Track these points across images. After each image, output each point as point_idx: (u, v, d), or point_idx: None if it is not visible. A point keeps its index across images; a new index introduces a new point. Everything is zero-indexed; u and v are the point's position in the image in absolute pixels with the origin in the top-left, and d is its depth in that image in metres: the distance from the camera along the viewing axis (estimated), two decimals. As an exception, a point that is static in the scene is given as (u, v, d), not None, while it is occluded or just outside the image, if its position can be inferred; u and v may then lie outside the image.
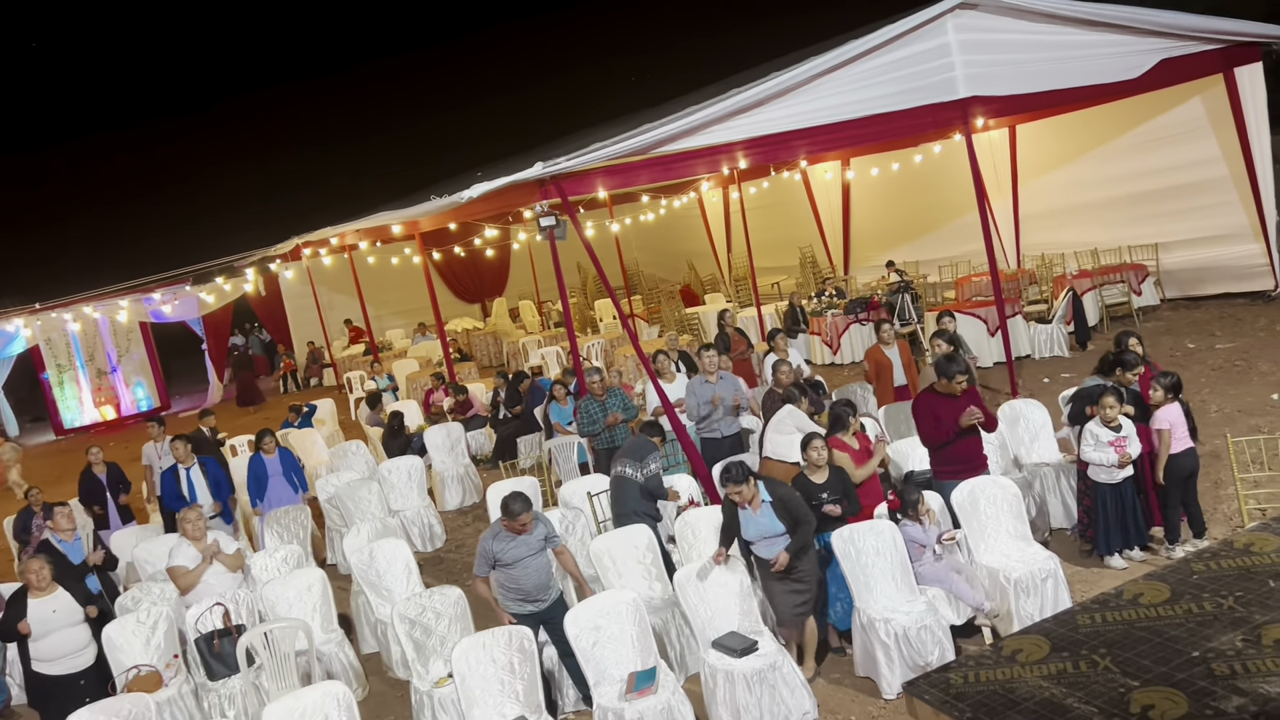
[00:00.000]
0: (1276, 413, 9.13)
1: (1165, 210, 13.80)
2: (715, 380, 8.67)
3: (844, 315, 14.37)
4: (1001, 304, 10.74)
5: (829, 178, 18.69)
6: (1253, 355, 11.03)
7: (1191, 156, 13.16)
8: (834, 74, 9.51)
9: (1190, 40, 11.50)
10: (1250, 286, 13.16)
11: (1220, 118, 12.57)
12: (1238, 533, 3.48)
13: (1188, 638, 2.89)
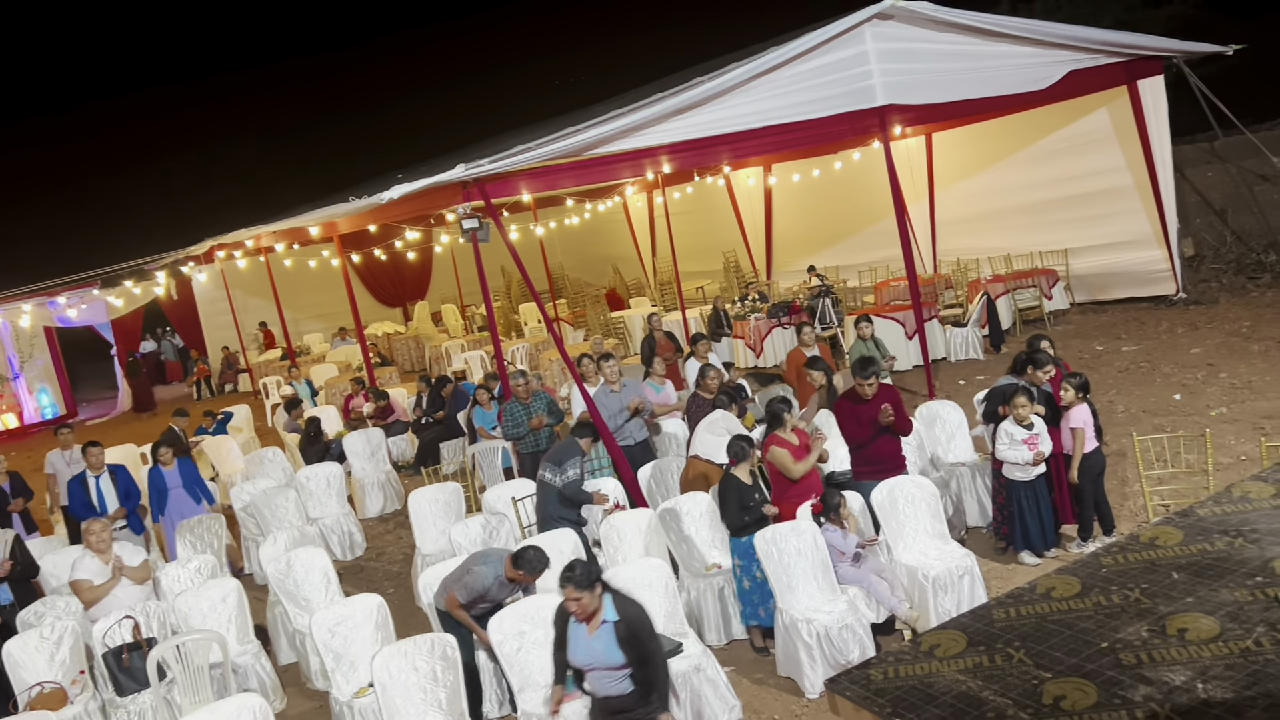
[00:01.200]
0: (1179, 412, 9.49)
1: (1074, 217, 14.26)
2: (618, 389, 8.68)
3: (766, 319, 14.52)
4: (919, 308, 10.96)
5: (752, 183, 18.89)
6: (1156, 357, 11.46)
7: (1098, 165, 13.63)
8: (756, 80, 9.61)
9: (1096, 53, 11.91)
10: (1154, 291, 13.68)
11: (1125, 128, 13.04)
12: (1143, 527, 3.60)
13: (1097, 629, 2.97)
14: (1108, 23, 16.67)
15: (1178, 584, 3.15)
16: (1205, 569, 3.22)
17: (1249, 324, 11.91)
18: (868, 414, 6.96)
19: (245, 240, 15.35)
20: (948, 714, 2.71)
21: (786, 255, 19.41)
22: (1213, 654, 2.76)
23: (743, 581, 6.41)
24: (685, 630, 5.90)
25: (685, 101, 9.14)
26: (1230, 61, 12.83)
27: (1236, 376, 10.15)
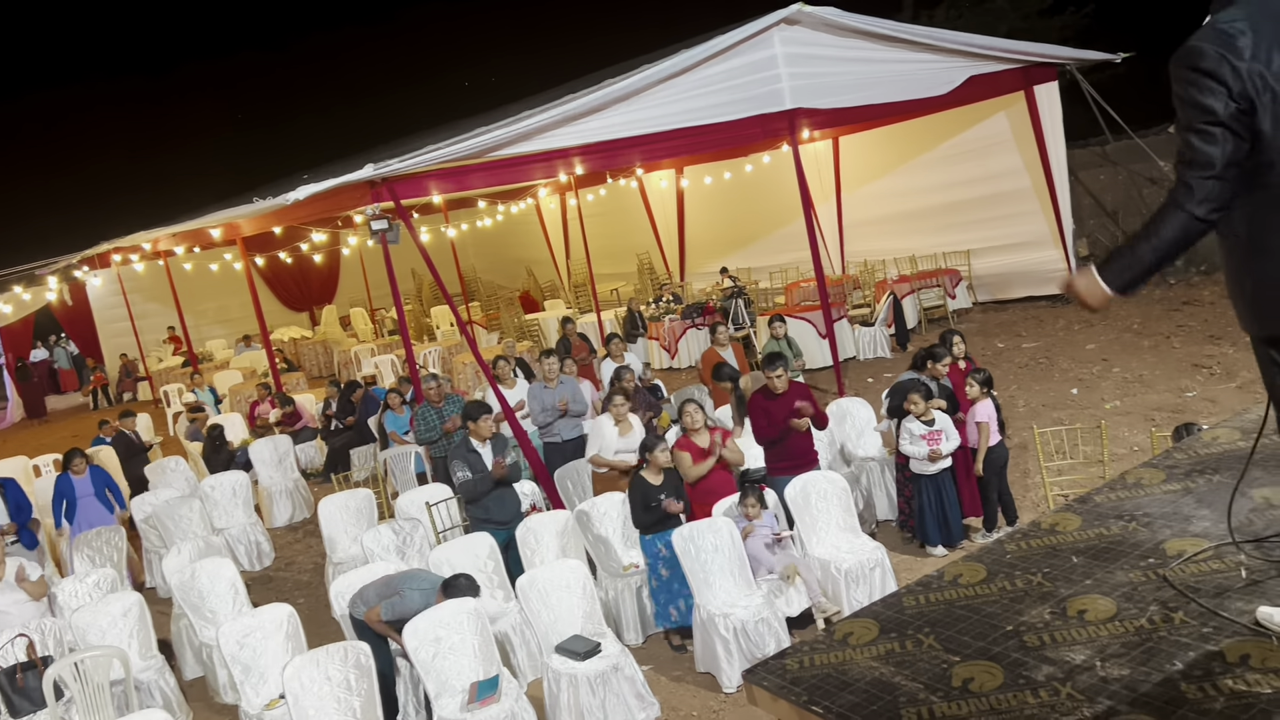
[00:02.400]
0: (1076, 406, 9.86)
1: (975, 219, 14.71)
2: (555, 385, 8.66)
3: (681, 320, 14.63)
4: (828, 308, 11.17)
5: (664, 186, 19.00)
6: (1054, 353, 11.89)
7: (997, 169, 14.08)
8: (668, 83, 9.67)
9: (995, 60, 12.30)
10: (1051, 290, 14.14)
11: (1022, 133, 13.50)
12: (1045, 515, 3.73)
13: (1002, 613, 3.06)
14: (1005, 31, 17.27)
15: (1077, 567, 3.27)
16: (1102, 552, 3.35)
17: (1139, 321, 12.44)
18: (779, 411, 7.07)
19: (143, 243, 14.83)
20: (862, 699, 2.77)
21: (699, 257, 19.58)
22: (1110, 633, 2.87)
23: (651, 581, 6.46)
24: (603, 630, 5.90)
25: (595, 102, 9.15)
26: (1119, 70, 13.41)
27: (1129, 371, 10.60)
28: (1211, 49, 2.35)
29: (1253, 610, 2.83)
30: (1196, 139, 2.38)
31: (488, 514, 7.04)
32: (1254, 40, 2.34)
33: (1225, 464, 3.85)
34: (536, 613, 5.85)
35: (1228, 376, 9.74)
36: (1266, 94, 2.33)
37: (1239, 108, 2.33)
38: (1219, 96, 2.34)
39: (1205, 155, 2.37)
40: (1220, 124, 2.35)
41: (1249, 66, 2.32)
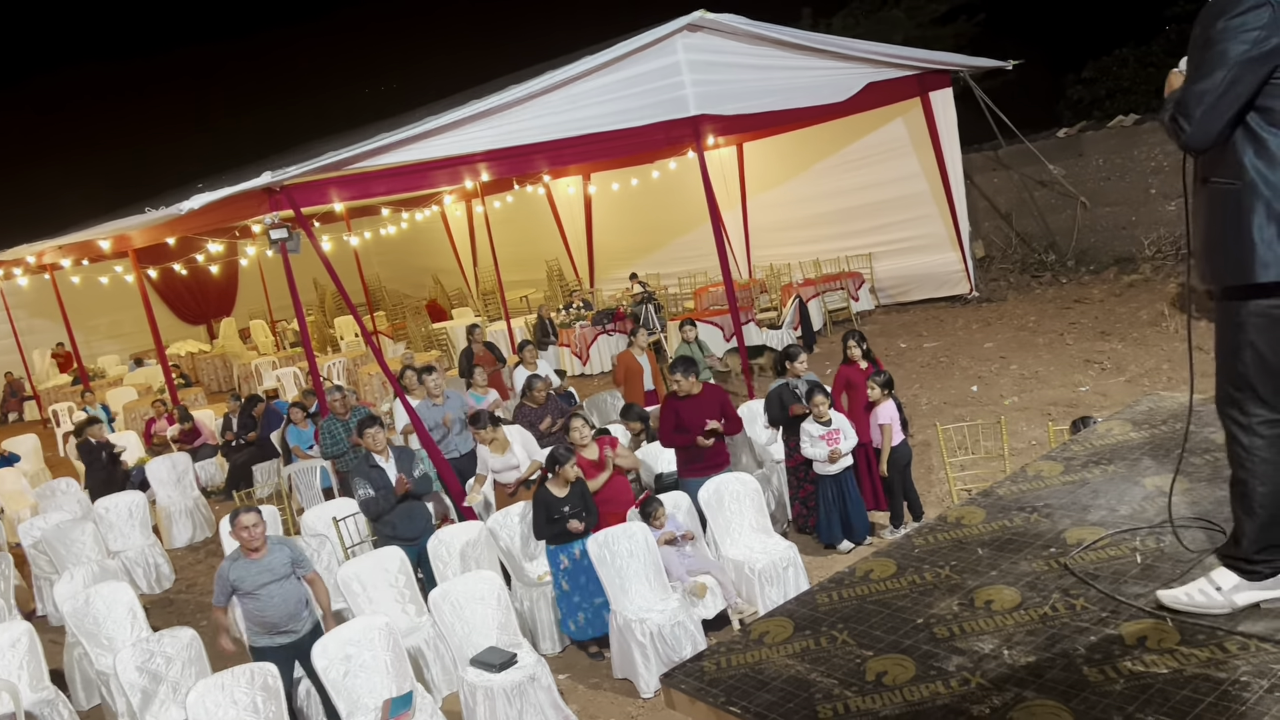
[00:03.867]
0: (976, 403, 10.15)
1: (876, 223, 15.04)
2: (441, 402, 8.54)
3: (592, 326, 14.60)
4: (736, 312, 11.27)
5: (571, 192, 18.97)
6: (954, 352, 12.23)
7: (896, 173, 14.42)
8: (573, 89, 9.65)
9: (891, 67, 12.61)
10: (950, 291, 14.59)
11: (919, 138, 13.86)
12: (950, 509, 3.82)
13: (912, 607, 3.12)
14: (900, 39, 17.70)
15: (983, 559, 3.35)
16: (1006, 544, 3.44)
17: (1034, 319, 12.88)
18: (690, 414, 7.11)
19: (26, 256, 14.15)
20: (778, 698, 2.79)
21: (609, 263, 19.59)
22: (1015, 621, 2.94)
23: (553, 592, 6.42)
24: (519, 641, 5.83)
25: (496, 104, 9.07)
26: (1010, 76, 13.87)
27: (1025, 368, 10.96)
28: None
29: (1148, 594, 2.94)
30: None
31: (395, 531, 6.90)
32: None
33: (1119, 455, 4.00)
34: (450, 626, 5.75)
35: (1118, 371, 10.14)
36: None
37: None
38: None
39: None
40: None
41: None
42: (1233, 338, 2.65)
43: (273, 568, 5.58)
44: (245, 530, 5.54)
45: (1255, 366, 2.61)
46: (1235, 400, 2.68)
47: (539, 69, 10.69)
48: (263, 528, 5.62)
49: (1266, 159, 2.48)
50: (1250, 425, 2.66)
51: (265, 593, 5.53)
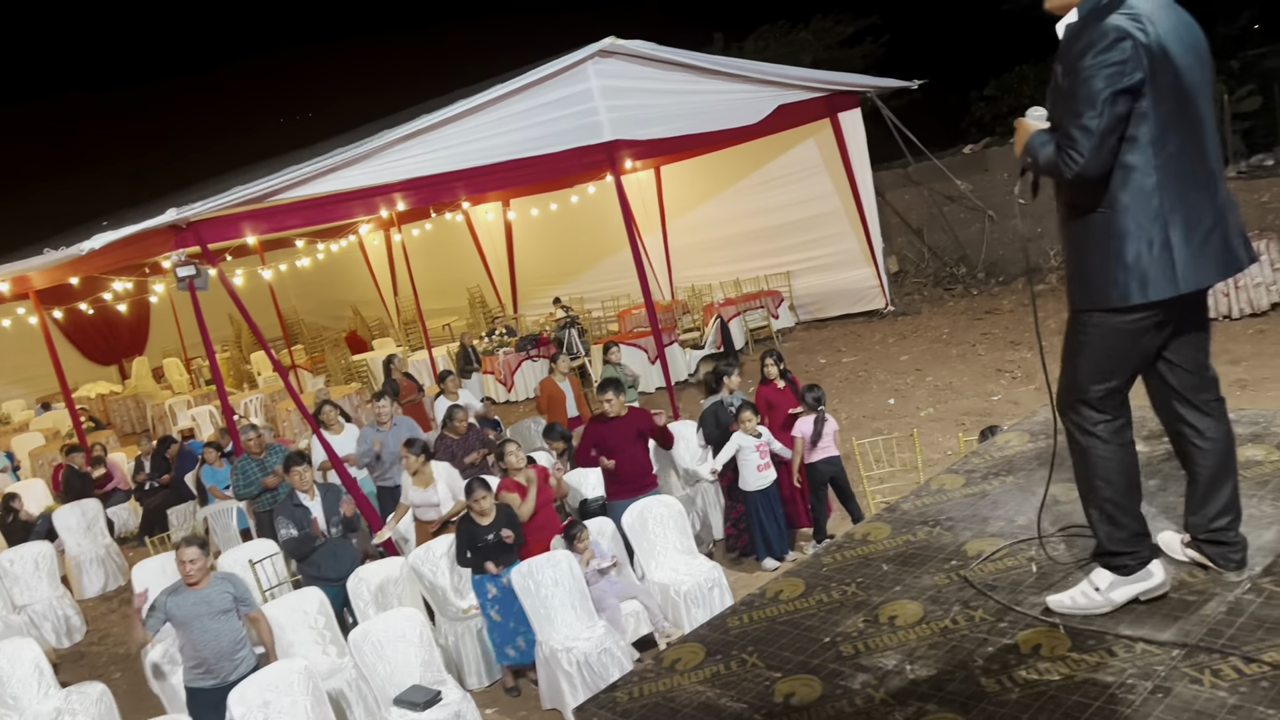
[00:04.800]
0: (894, 415, 10.36)
1: (793, 241, 15.29)
2: (389, 428, 8.43)
3: (515, 353, 14.55)
4: (658, 334, 11.34)
5: (490, 218, 18.91)
6: (872, 366, 12.47)
7: (810, 192, 14.70)
8: (487, 116, 9.66)
9: (801, 89, 12.87)
10: (867, 306, 14.89)
11: (830, 157, 14.16)
12: (857, 525, 3.89)
13: (820, 626, 3.17)
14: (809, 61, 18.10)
15: (887, 574, 3.42)
16: (910, 558, 3.52)
17: (948, 331, 13.20)
18: (613, 436, 7.14)
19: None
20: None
21: (531, 288, 19.55)
22: (918, 636, 3.01)
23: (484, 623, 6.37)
24: (443, 677, 5.76)
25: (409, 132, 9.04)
26: (916, 95, 14.26)
27: (940, 379, 11.22)
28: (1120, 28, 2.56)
29: (1043, 602, 3.03)
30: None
31: (319, 571, 6.76)
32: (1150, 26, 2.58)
33: (1017, 465, 4.13)
34: (372, 666, 5.65)
35: (1028, 379, 10.44)
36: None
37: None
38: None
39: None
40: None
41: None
42: (1080, 347, 2.80)
43: (210, 600, 5.48)
44: (185, 564, 5.44)
45: (1097, 375, 2.77)
46: (1076, 406, 2.84)
47: (451, 97, 10.67)
48: (203, 562, 5.54)
49: (1133, 186, 2.61)
50: (1091, 429, 2.81)
51: (200, 626, 5.42)
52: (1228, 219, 2.69)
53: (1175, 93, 2.60)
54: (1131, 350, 2.76)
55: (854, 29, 20.61)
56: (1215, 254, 2.66)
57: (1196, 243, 2.63)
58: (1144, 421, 4.17)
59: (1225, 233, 2.68)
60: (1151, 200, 2.60)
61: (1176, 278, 2.61)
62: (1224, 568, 2.97)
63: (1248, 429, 3.95)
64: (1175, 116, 2.60)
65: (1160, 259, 2.61)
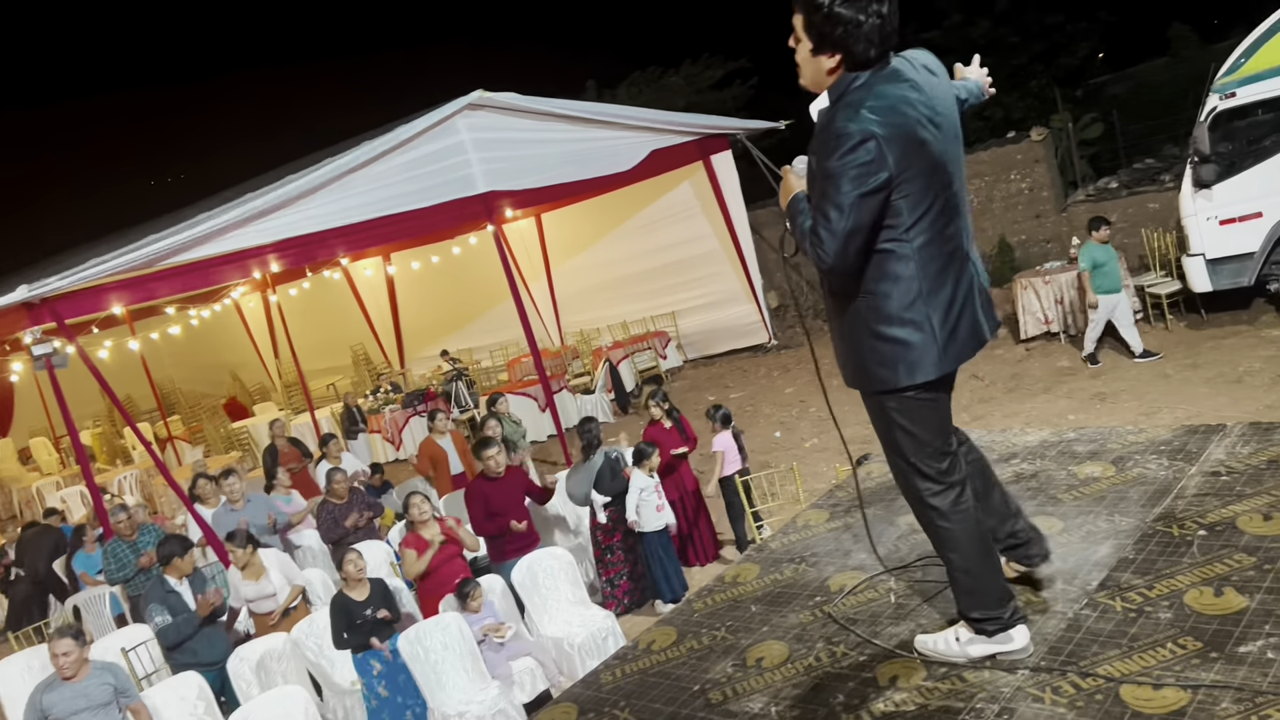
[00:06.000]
0: (781, 448, 10.55)
1: (676, 281, 15.52)
2: (241, 506, 8.17)
3: (402, 409, 14.31)
4: (546, 381, 11.33)
5: (370, 274, 18.65)
6: (759, 400, 12.69)
7: (689, 233, 14.97)
8: (360, 174, 9.60)
9: (673, 134, 13.14)
10: (751, 341, 15.18)
11: (706, 198, 14.47)
12: (728, 566, 3.94)
13: (690, 674, 3.19)
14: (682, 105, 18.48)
15: (755, 616, 3.48)
16: (777, 597, 3.58)
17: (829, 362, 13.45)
18: (499, 496, 7.08)
19: None
20: (563, 788, 2.80)
21: (418, 342, 19.32)
22: (784, 676, 3.06)
23: (369, 700, 6.17)
24: (330, 754, 5.57)
25: (279, 199, 8.90)
26: (785, 134, 14.69)
27: (822, 410, 11.47)
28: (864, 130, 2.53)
29: (902, 633, 3.13)
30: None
31: (196, 657, 6.45)
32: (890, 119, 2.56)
33: (878, 496, 4.25)
34: (254, 749, 5.44)
35: (904, 404, 10.76)
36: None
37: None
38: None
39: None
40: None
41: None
42: (887, 429, 2.84)
43: (89, 693, 5.22)
44: (59, 658, 5.19)
45: (913, 449, 2.80)
46: (909, 483, 2.87)
47: (318, 156, 10.56)
48: (78, 654, 5.29)
49: (892, 273, 2.64)
50: (928, 500, 2.84)
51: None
52: (975, 295, 2.75)
53: (926, 175, 2.60)
54: (934, 415, 2.79)
55: (723, 72, 21.18)
56: (968, 331, 2.72)
57: (953, 323, 2.67)
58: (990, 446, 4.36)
59: (975, 308, 2.74)
60: (911, 286, 2.63)
61: (940, 359, 2.67)
62: (1033, 566, 3.09)
63: (1086, 447, 4.17)
64: (928, 200, 2.61)
65: (924, 342, 2.65)
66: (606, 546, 7.49)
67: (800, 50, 2.67)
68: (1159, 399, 8.91)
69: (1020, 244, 14.57)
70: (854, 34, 2.54)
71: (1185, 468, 3.74)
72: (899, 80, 2.61)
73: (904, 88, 2.60)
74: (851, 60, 2.59)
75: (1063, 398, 9.72)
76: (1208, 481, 3.57)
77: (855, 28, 2.53)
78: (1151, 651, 2.68)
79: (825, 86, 2.67)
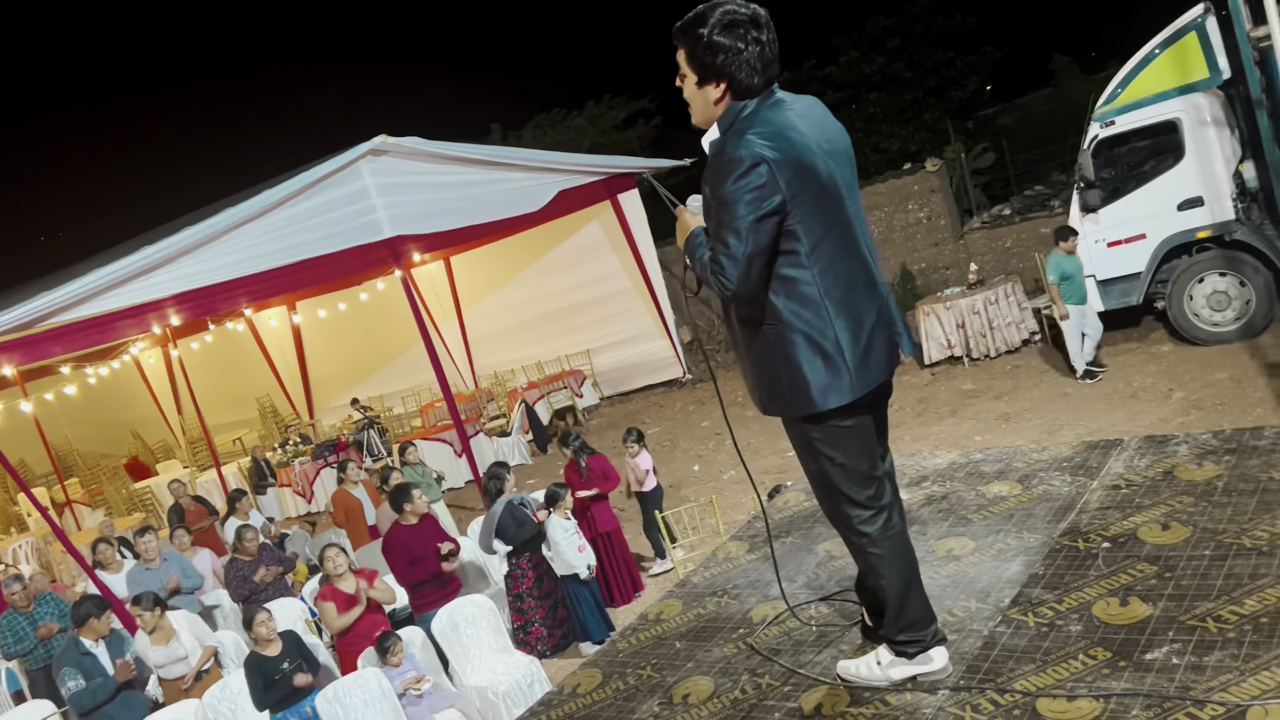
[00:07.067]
0: (699, 481, 10.59)
1: (589, 320, 15.56)
2: (157, 565, 7.87)
3: (313, 461, 13.97)
4: (460, 426, 11.18)
5: (274, 324, 18.24)
6: (676, 435, 12.73)
7: (600, 272, 15.05)
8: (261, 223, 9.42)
9: (579, 174, 13.22)
10: (666, 376, 15.27)
11: (615, 237, 14.59)
12: (651, 605, 3.92)
13: (617, 715, 3.15)
14: (588, 146, 18.65)
15: (680, 652, 3.46)
16: (701, 632, 3.57)
17: (742, 394, 13.63)
18: (419, 544, 6.94)
19: None
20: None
21: (327, 391, 18.92)
22: (709, 711, 3.05)
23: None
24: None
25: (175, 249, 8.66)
26: (691, 171, 14.91)
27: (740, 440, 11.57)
28: (755, 154, 2.56)
29: (825, 660, 3.14)
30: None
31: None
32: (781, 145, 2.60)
33: (796, 525, 4.29)
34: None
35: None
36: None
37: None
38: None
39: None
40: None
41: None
42: (811, 456, 2.84)
43: None
44: None
45: (839, 476, 2.81)
46: (836, 510, 2.88)
47: (217, 207, 10.32)
48: None
49: (797, 298, 2.66)
50: (856, 527, 2.84)
51: None
52: (885, 316, 2.77)
53: (821, 201, 2.62)
54: (858, 440, 2.79)
55: (627, 113, 21.44)
56: (882, 352, 2.74)
57: (864, 345, 2.69)
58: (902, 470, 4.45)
59: (886, 329, 2.76)
60: (817, 310, 2.65)
61: (852, 383, 2.67)
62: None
63: (993, 467, 4.28)
64: (826, 224, 2.63)
65: (835, 367, 2.66)
66: (516, 594, 7.39)
67: (687, 86, 2.73)
68: (1060, 416, 9.22)
69: (921, 272, 15.02)
70: (735, 61, 2.60)
71: (1087, 483, 3.86)
72: (785, 108, 2.67)
73: (791, 115, 2.66)
74: (736, 89, 2.65)
75: (969, 419, 9.99)
76: (1109, 495, 3.70)
77: (736, 55, 2.59)
78: (1064, 664, 2.74)
79: (715, 119, 2.72)
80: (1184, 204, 9.66)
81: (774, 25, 2.64)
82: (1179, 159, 9.66)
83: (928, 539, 3.75)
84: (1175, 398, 8.80)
